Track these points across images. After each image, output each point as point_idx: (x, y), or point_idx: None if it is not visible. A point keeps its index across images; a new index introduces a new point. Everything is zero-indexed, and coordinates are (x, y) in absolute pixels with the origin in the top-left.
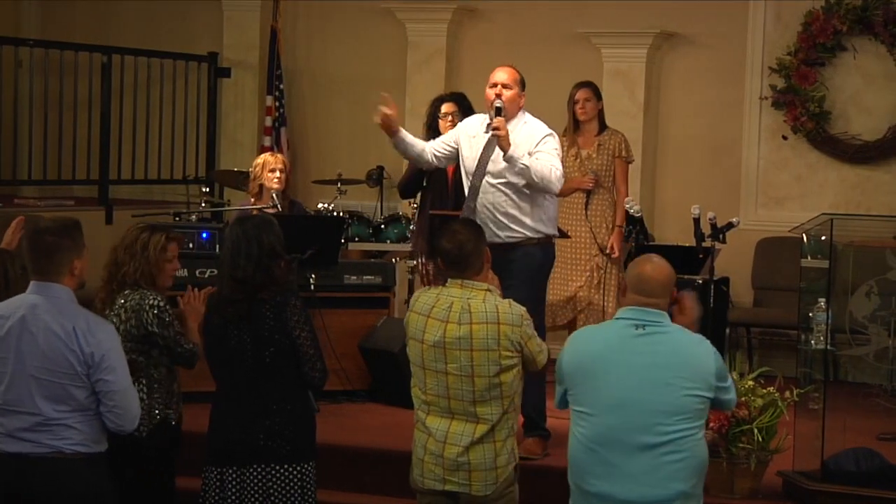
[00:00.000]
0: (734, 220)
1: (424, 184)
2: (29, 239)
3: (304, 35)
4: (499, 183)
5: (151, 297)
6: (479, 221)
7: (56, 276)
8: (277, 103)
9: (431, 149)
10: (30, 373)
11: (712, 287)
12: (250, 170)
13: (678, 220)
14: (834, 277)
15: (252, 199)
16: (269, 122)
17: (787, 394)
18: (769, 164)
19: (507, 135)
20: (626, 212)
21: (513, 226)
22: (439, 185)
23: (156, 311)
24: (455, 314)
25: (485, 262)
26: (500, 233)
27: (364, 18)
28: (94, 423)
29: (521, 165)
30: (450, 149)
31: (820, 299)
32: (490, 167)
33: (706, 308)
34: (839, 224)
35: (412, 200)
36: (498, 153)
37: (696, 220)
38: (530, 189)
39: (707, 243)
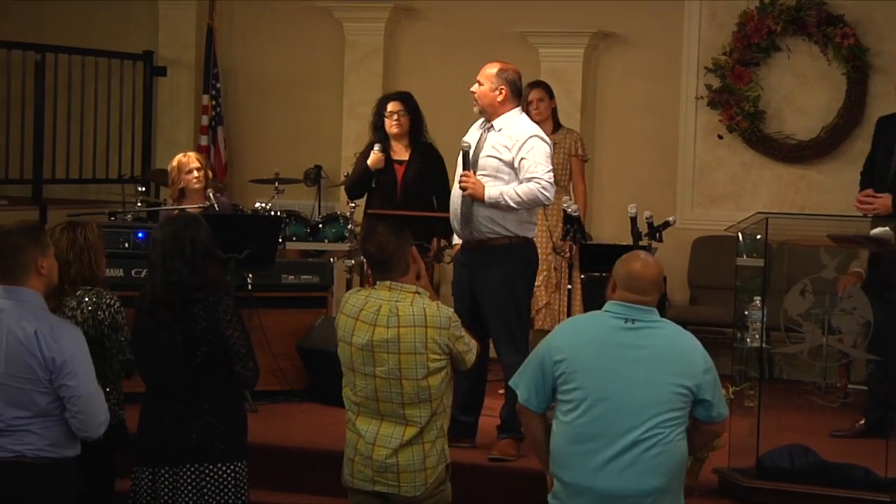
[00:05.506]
0: (670, 218)
1: (373, 185)
2: None
3: (240, 34)
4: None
5: (108, 297)
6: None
7: (22, 277)
8: (214, 102)
9: None
10: None
11: None
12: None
13: (615, 218)
14: (769, 276)
15: (172, 202)
16: (205, 121)
17: (723, 391)
18: (705, 164)
19: (474, 186)
20: (564, 211)
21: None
22: (387, 186)
23: (111, 312)
24: (383, 317)
25: (410, 262)
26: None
27: (301, 17)
28: (59, 429)
29: (506, 203)
30: None
31: (755, 297)
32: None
33: None
34: (774, 223)
35: (349, 200)
36: (483, 150)
37: (633, 219)
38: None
39: (644, 242)
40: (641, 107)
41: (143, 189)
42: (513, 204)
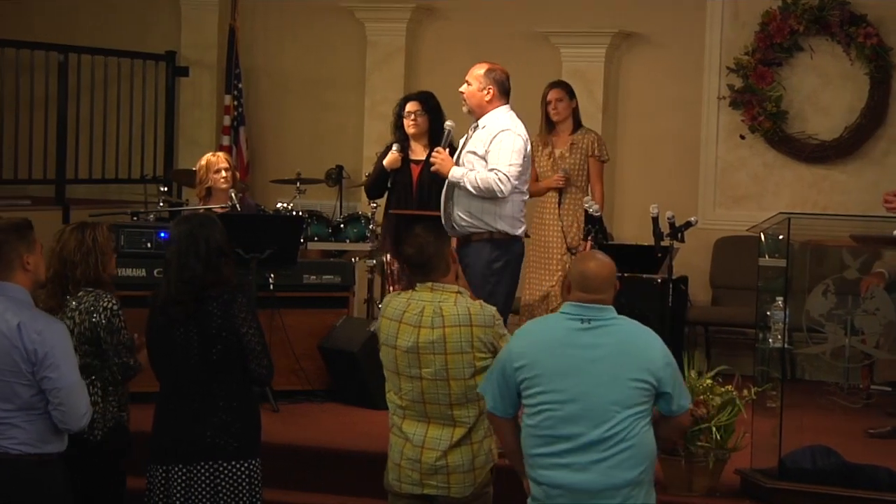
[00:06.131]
0: (692, 219)
1: (389, 185)
2: None
3: (262, 34)
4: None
5: (106, 299)
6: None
7: (7, 272)
8: (236, 102)
9: None
10: None
11: (671, 286)
12: (195, 168)
13: (637, 219)
14: (791, 276)
15: (199, 201)
16: (227, 121)
17: (745, 392)
18: (727, 164)
19: (442, 162)
20: (585, 211)
21: (468, 219)
22: (404, 186)
23: (107, 314)
24: (427, 318)
25: (450, 262)
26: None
27: (323, 18)
28: (42, 423)
29: (464, 186)
30: None
31: (777, 298)
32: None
33: (664, 307)
34: (796, 223)
35: (369, 199)
36: (468, 146)
37: (655, 220)
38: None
39: (665, 242)
40: (663, 107)
41: (166, 189)
42: (470, 188)
